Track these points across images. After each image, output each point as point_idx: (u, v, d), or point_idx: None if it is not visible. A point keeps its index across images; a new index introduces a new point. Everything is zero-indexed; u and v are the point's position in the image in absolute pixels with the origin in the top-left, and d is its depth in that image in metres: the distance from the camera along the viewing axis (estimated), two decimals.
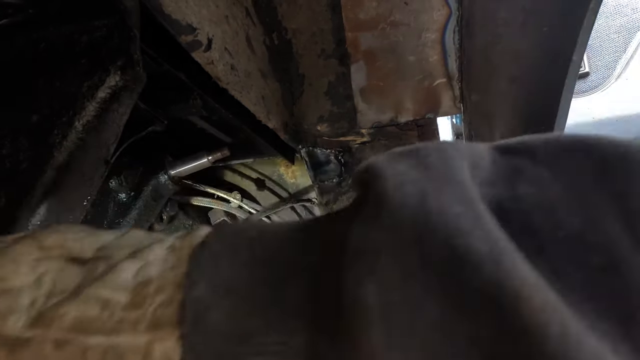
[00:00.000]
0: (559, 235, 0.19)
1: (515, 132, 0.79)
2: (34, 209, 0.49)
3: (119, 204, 0.77)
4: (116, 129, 0.54)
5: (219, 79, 0.57)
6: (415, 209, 0.19)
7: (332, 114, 0.82)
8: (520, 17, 0.59)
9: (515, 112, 0.74)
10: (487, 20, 0.60)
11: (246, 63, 0.65)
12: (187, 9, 0.49)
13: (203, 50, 0.53)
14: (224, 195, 1.06)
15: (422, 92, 0.76)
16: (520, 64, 0.65)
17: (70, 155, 0.49)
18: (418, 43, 0.71)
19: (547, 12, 0.58)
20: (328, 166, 0.92)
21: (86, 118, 0.49)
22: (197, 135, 0.89)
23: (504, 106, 0.73)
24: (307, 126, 0.84)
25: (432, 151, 0.23)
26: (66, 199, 0.51)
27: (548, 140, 0.23)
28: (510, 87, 0.69)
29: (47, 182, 0.49)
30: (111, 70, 0.49)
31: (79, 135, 0.49)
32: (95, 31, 0.50)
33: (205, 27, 0.53)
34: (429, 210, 0.19)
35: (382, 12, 0.69)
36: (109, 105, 0.50)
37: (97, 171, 0.55)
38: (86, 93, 0.49)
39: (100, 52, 0.50)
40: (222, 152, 0.86)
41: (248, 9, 0.66)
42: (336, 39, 0.75)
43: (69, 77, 0.50)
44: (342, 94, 0.80)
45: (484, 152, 0.24)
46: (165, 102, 0.73)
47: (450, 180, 0.21)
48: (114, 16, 0.50)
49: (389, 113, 0.80)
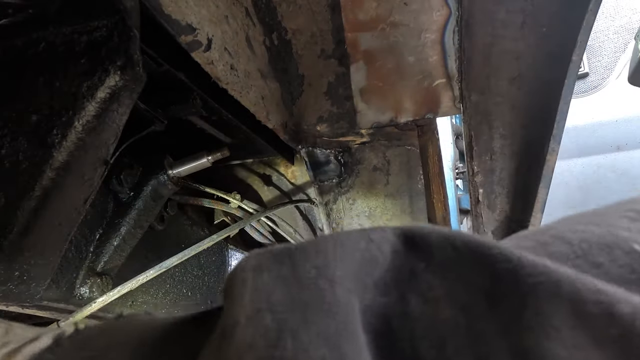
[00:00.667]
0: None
1: (515, 133, 0.79)
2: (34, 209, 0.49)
3: (119, 204, 0.77)
4: (116, 129, 0.54)
5: (218, 79, 0.58)
6: (263, 355, 0.16)
7: (331, 114, 0.82)
8: (520, 18, 0.59)
9: (515, 112, 0.74)
10: (486, 20, 0.60)
11: (246, 63, 0.65)
12: (187, 9, 0.49)
13: (203, 50, 0.53)
14: (224, 195, 1.06)
15: (421, 92, 0.77)
16: (520, 64, 0.65)
17: (70, 155, 0.49)
18: (418, 43, 0.71)
19: (547, 12, 0.58)
20: (328, 166, 0.92)
21: (86, 118, 0.49)
22: (197, 135, 0.89)
23: (503, 106, 0.73)
24: (307, 126, 0.84)
25: (311, 256, 0.20)
26: (66, 199, 0.51)
27: (448, 239, 0.21)
28: (510, 87, 0.69)
29: (47, 182, 0.49)
30: (111, 70, 0.49)
31: (79, 135, 0.49)
32: (95, 31, 0.50)
33: (205, 27, 0.53)
34: (280, 357, 0.16)
35: (381, 13, 0.69)
36: (108, 105, 0.50)
37: (97, 171, 0.55)
38: (86, 93, 0.49)
39: (100, 52, 0.50)
40: (222, 152, 0.86)
41: (248, 9, 0.66)
42: (336, 39, 0.75)
43: (69, 77, 0.50)
44: (341, 94, 0.80)
45: (386, 242, 0.22)
46: (165, 102, 0.73)
47: (322, 304, 0.17)
48: (114, 16, 0.50)
49: (388, 113, 0.80)
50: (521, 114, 0.74)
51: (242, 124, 0.81)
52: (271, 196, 1.22)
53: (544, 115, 0.73)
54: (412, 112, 0.79)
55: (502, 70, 0.67)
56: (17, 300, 0.54)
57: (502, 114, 0.75)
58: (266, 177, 1.20)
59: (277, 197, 1.22)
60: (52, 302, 0.65)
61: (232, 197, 1.06)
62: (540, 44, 0.62)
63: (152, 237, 0.91)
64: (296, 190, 1.20)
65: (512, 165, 0.75)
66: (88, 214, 0.70)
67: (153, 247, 0.91)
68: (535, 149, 0.79)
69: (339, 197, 0.97)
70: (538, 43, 0.62)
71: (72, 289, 0.68)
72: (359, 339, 0.17)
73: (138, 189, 0.79)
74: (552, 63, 0.64)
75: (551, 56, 0.63)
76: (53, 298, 0.65)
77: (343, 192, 0.96)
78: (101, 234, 0.74)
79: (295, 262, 0.20)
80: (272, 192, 1.21)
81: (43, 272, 0.54)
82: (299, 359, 0.16)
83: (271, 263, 0.20)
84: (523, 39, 0.61)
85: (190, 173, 0.86)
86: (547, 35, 0.60)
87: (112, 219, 0.76)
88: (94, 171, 0.54)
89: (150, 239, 0.90)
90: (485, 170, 0.80)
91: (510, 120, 0.76)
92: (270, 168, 1.19)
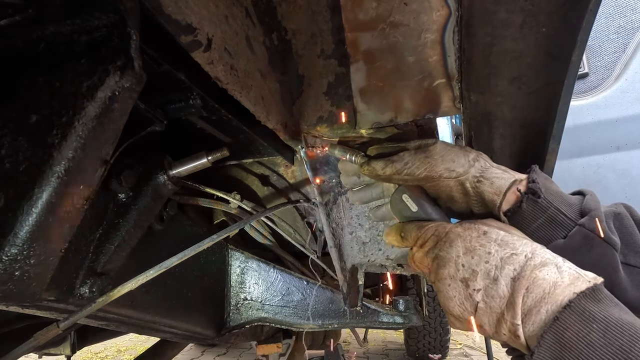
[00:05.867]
0: None
1: (515, 133, 0.79)
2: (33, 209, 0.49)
3: (119, 204, 0.77)
4: (116, 129, 0.54)
5: (218, 79, 0.57)
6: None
7: (331, 115, 0.82)
8: (520, 18, 0.59)
9: (515, 113, 0.74)
10: (486, 20, 0.60)
11: (246, 63, 0.65)
12: (186, 9, 0.49)
13: (203, 50, 0.53)
14: (224, 195, 1.06)
15: (421, 93, 0.77)
16: (520, 64, 0.65)
17: (70, 155, 0.49)
18: (418, 43, 0.71)
19: (547, 12, 0.58)
20: (328, 166, 0.92)
21: (86, 118, 0.49)
22: (197, 135, 0.88)
23: (503, 106, 0.73)
24: (307, 126, 0.84)
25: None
26: (66, 199, 0.51)
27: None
28: (510, 87, 0.69)
29: (47, 182, 0.49)
30: (111, 70, 0.49)
31: (79, 135, 0.49)
32: (95, 31, 0.50)
33: (205, 27, 0.53)
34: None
35: (381, 13, 0.69)
36: (108, 105, 0.50)
37: (97, 171, 0.55)
38: (86, 93, 0.49)
39: (100, 52, 0.50)
40: (222, 152, 0.86)
41: (248, 9, 0.66)
42: (336, 39, 0.75)
43: (69, 77, 0.50)
44: (341, 95, 0.80)
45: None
46: (165, 102, 0.73)
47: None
48: (114, 16, 0.50)
49: (388, 113, 0.80)
50: (521, 114, 0.74)
51: (242, 124, 0.81)
52: (271, 196, 1.22)
53: (544, 115, 0.73)
54: (412, 112, 0.79)
55: (502, 70, 0.67)
56: (17, 300, 0.54)
57: (502, 114, 0.75)
58: (265, 177, 1.20)
59: (277, 197, 1.22)
60: (52, 302, 0.65)
61: (232, 197, 1.06)
62: (540, 44, 0.62)
63: (152, 237, 0.91)
64: (296, 191, 1.20)
65: (512, 165, 0.75)
66: (88, 214, 0.70)
67: (153, 247, 0.91)
68: (535, 149, 0.79)
69: (339, 197, 0.97)
70: (538, 43, 0.62)
71: (72, 289, 0.68)
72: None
73: (138, 189, 0.79)
74: (552, 63, 0.64)
75: (551, 56, 0.63)
76: (53, 298, 0.65)
77: (343, 192, 0.96)
78: (101, 234, 0.74)
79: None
80: (271, 192, 1.21)
81: (43, 272, 0.54)
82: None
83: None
84: (523, 39, 0.61)
85: (190, 173, 0.86)
86: (547, 35, 0.60)
87: (112, 219, 0.76)
88: (94, 171, 0.54)
89: (150, 239, 0.90)
90: None
91: (510, 120, 0.76)
92: (269, 168, 1.19)
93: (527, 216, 0.65)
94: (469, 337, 4.54)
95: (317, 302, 1.21)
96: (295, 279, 1.23)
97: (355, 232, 1.00)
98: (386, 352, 4.07)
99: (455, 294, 0.58)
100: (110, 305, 0.73)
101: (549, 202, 0.64)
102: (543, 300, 0.50)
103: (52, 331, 0.69)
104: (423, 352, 3.33)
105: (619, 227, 0.63)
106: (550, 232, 0.64)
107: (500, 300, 0.53)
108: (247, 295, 1.25)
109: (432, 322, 3.18)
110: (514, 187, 0.67)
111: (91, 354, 4.27)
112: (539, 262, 0.53)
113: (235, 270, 1.26)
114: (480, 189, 0.68)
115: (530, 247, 0.55)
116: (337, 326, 1.20)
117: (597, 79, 2.30)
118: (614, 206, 0.66)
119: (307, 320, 1.20)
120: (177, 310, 1.01)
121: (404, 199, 0.72)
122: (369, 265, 1.02)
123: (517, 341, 0.52)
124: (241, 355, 4.04)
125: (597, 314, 0.46)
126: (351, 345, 4.33)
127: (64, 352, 1.35)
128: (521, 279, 0.52)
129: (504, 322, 0.53)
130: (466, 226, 0.62)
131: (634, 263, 0.60)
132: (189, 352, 4.15)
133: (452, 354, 3.81)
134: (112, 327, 0.89)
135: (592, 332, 0.45)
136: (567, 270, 0.51)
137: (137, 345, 4.60)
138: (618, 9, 2.21)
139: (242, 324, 1.24)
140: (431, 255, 0.63)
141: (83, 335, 1.45)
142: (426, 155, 0.70)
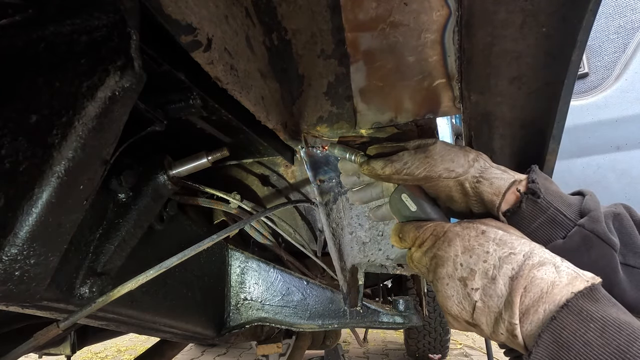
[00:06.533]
0: None
1: (515, 133, 0.79)
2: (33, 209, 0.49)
3: (119, 204, 0.77)
4: (116, 129, 0.54)
5: (218, 79, 0.57)
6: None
7: (331, 115, 0.82)
8: (520, 18, 0.59)
9: (515, 113, 0.74)
10: (486, 20, 0.60)
11: (246, 63, 0.65)
12: (186, 9, 0.49)
13: (203, 50, 0.53)
14: (224, 195, 1.06)
15: (421, 93, 0.77)
16: (520, 64, 0.65)
17: (70, 155, 0.49)
18: (417, 43, 0.71)
19: (547, 12, 0.58)
20: (328, 166, 0.92)
21: (86, 118, 0.49)
22: (196, 135, 0.89)
23: (503, 106, 0.73)
24: (307, 126, 0.84)
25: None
26: (66, 199, 0.51)
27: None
28: (510, 87, 0.69)
29: (47, 182, 0.49)
30: (111, 70, 0.49)
31: (79, 135, 0.49)
32: (95, 31, 0.50)
33: (205, 27, 0.53)
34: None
35: (381, 13, 0.69)
36: (108, 105, 0.50)
37: (97, 171, 0.55)
38: (86, 93, 0.49)
39: (100, 52, 0.50)
40: (222, 152, 0.86)
41: (248, 9, 0.66)
42: (336, 39, 0.75)
43: (69, 77, 0.50)
44: (341, 95, 0.80)
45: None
46: (165, 102, 0.73)
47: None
48: (114, 16, 0.50)
49: (388, 113, 0.80)
50: (521, 114, 0.74)
51: (242, 124, 0.81)
52: (271, 196, 1.22)
53: (544, 115, 0.73)
54: (412, 112, 0.79)
55: (502, 70, 0.67)
56: (17, 300, 0.54)
57: (502, 114, 0.75)
58: (265, 177, 1.20)
59: (277, 197, 1.22)
60: (52, 302, 0.65)
61: (232, 197, 1.06)
62: (540, 44, 0.62)
63: (152, 237, 0.91)
64: (296, 191, 1.20)
65: (512, 166, 0.75)
66: (88, 214, 0.70)
67: (153, 247, 0.91)
68: (535, 149, 0.79)
69: (339, 197, 0.97)
70: (538, 43, 0.62)
71: (72, 289, 0.68)
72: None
73: (138, 189, 0.79)
74: (552, 63, 0.64)
75: (551, 56, 0.63)
76: (53, 298, 0.65)
77: (343, 192, 0.96)
78: (101, 234, 0.74)
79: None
80: (271, 192, 1.21)
81: (43, 272, 0.54)
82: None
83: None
84: (523, 39, 0.61)
85: (190, 173, 0.86)
86: (547, 35, 0.60)
87: (112, 219, 0.76)
88: (94, 171, 0.54)
89: (150, 239, 0.90)
90: None
91: (510, 120, 0.76)
92: (269, 168, 1.19)
93: (527, 216, 0.65)
94: (469, 337, 4.54)
95: (317, 302, 1.21)
96: (295, 279, 1.23)
97: (355, 232, 1.00)
98: (386, 352, 4.07)
99: (453, 293, 0.58)
100: (110, 305, 0.73)
101: (549, 203, 0.64)
102: (541, 299, 0.50)
103: (52, 331, 0.69)
104: (423, 352, 3.33)
105: (619, 227, 0.63)
106: (550, 233, 0.64)
107: (498, 300, 0.53)
108: (247, 295, 1.25)
109: (432, 322, 3.19)
110: (513, 187, 0.66)
111: (91, 354, 4.27)
112: (537, 261, 0.53)
113: (235, 270, 1.26)
114: (479, 189, 0.68)
115: (528, 247, 0.55)
116: (337, 326, 1.20)
117: (597, 79, 2.30)
118: (614, 207, 0.66)
119: (307, 320, 1.20)
120: (177, 310, 1.01)
121: (403, 199, 0.72)
122: (369, 265, 1.02)
123: (515, 341, 0.52)
124: (241, 355, 4.04)
125: (595, 313, 0.46)
126: (351, 345, 4.33)
127: (64, 352, 1.35)
128: (519, 278, 0.52)
129: (501, 322, 0.53)
130: (465, 225, 0.62)
131: (633, 264, 0.60)
132: (189, 352, 4.15)
133: (452, 354, 3.82)
134: (112, 327, 0.89)
135: (590, 331, 0.45)
136: (565, 270, 0.51)
137: (137, 345, 4.60)
138: (618, 9, 2.21)
139: (242, 324, 1.24)
140: (429, 255, 0.63)
141: (83, 335, 1.45)
142: (426, 155, 0.70)
